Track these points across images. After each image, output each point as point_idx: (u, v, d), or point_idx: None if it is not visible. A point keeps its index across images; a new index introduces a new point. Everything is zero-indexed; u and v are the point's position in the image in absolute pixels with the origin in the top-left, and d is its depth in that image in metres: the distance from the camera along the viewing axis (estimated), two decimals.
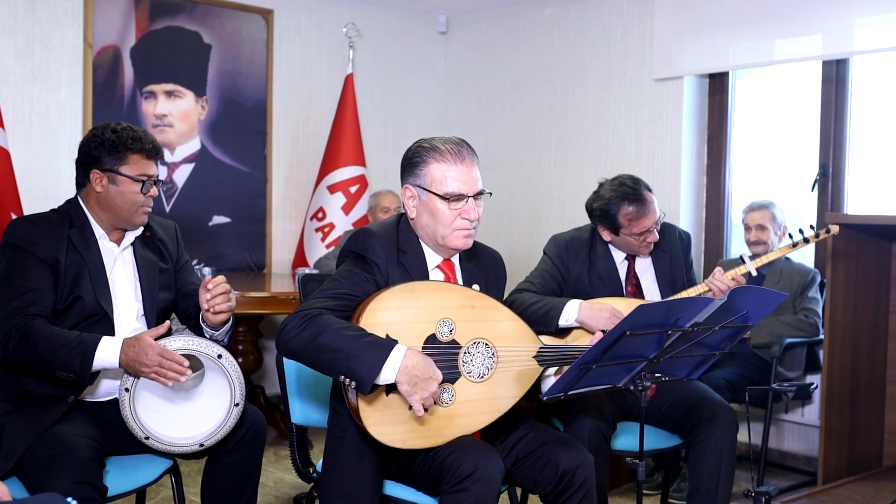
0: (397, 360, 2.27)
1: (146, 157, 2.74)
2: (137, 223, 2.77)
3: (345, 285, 2.43)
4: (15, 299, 2.56)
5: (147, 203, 2.76)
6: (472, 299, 2.48)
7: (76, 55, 5.16)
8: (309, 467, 2.83)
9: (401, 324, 2.37)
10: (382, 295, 2.39)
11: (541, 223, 5.87)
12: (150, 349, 2.49)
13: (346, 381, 2.27)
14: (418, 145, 2.55)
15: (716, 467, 3.10)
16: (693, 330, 2.35)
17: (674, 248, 3.49)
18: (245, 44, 5.80)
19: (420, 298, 2.41)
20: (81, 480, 2.35)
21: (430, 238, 2.55)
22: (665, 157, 5.30)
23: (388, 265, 2.48)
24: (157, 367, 2.49)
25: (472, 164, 2.52)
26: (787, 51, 4.79)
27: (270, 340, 5.67)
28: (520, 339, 2.53)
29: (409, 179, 2.55)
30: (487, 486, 2.31)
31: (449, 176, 2.48)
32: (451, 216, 2.49)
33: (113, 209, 2.73)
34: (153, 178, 2.76)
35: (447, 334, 2.42)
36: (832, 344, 3.77)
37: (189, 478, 4.01)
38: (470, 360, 2.45)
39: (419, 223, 2.55)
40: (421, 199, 2.52)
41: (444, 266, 2.61)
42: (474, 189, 2.51)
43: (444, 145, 2.51)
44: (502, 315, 2.52)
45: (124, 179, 2.71)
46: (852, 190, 4.79)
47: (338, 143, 5.79)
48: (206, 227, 5.71)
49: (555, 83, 5.91)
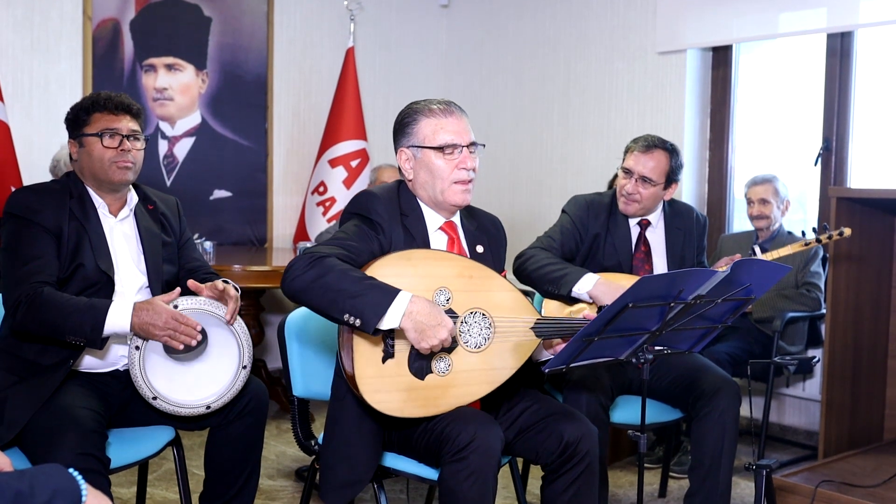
0: (402, 305, 2.26)
1: (108, 112, 2.74)
2: (115, 180, 2.73)
3: (353, 239, 2.44)
4: (21, 268, 2.56)
5: (120, 158, 2.72)
6: (470, 269, 2.47)
7: (75, 28, 5.12)
8: (311, 440, 2.83)
9: None
10: (379, 262, 2.38)
11: (543, 197, 5.85)
12: (164, 312, 2.51)
13: (351, 318, 2.25)
14: (406, 107, 2.60)
15: (718, 441, 3.11)
16: (696, 302, 2.35)
17: (689, 227, 3.51)
18: (245, 16, 5.76)
19: (417, 266, 2.41)
20: (84, 452, 2.35)
21: (430, 198, 2.56)
22: (668, 131, 5.26)
23: (391, 225, 2.49)
24: (170, 330, 2.50)
25: (462, 117, 2.56)
26: (791, 24, 4.75)
27: (272, 314, 5.68)
28: (517, 310, 2.52)
29: (402, 142, 2.58)
30: (486, 455, 2.31)
31: (440, 128, 2.51)
32: (449, 168, 2.51)
33: (90, 172, 2.73)
34: (120, 132, 2.72)
35: (444, 303, 2.42)
36: (834, 318, 3.77)
37: (191, 451, 4.02)
38: (467, 329, 2.45)
39: (418, 183, 2.56)
40: (416, 158, 2.54)
41: (447, 227, 2.61)
42: (467, 139, 2.53)
43: (432, 103, 2.56)
44: (500, 286, 2.51)
45: (88, 139, 2.72)
46: (855, 164, 4.77)
47: (339, 116, 5.76)
48: (207, 201, 5.70)
49: (557, 56, 5.87)
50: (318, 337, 2.88)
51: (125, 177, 2.75)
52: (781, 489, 3.31)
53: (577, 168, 5.70)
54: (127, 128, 2.75)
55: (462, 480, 2.29)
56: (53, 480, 1.62)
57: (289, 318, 2.85)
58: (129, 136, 2.75)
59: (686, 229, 3.50)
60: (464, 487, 2.29)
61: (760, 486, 2.73)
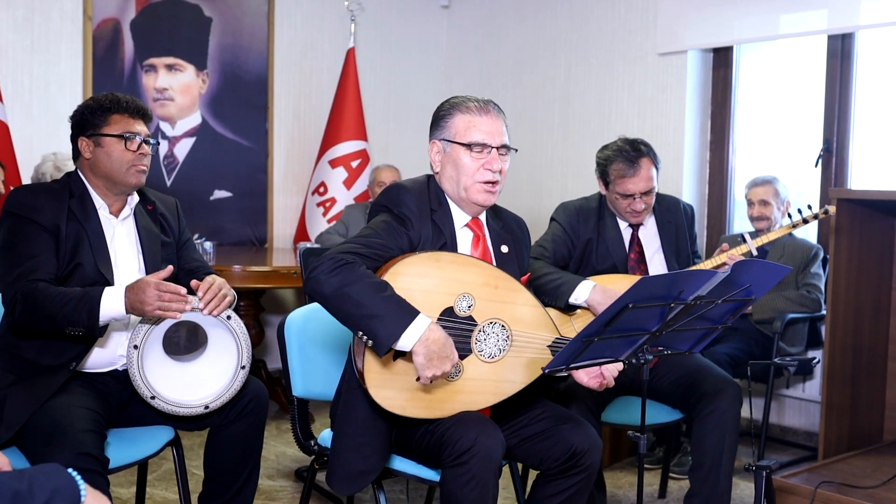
0: (419, 331, 2.25)
1: (128, 115, 2.74)
2: (132, 183, 2.75)
3: (380, 236, 2.43)
4: (18, 266, 2.56)
5: (138, 161, 2.73)
6: (497, 279, 2.46)
7: (76, 28, 5.13)
8: (310, 440, 2.83)
9: (420, 292, 2.35)
10: (407, 260, 2.38)
11: (543, 198, 5.84)
12: (147, 286, 2.49)
13: (364, 337, 2.26)
14: (445, 101, 2.60)
15: (719, 442, 3.11)
16: (696, 303, 2.34)
17: (679, 220, 3.53)
18: (246, 17, 5.76)
19: (444, 269, 2.39)
20: (82, 452, 2.34)
21: (455, 193, 2.55)
22: (668, 133, 5.27)
23: (420, 221, 2.49)
24: (157, 301, 2.49)
25: (498, 118, 2.55)
26: (792, 25, 4.75)
27: (272, 315, 5.68)
28: (538, 326, 2.51)
29: (435, 135, 2.58)
30: (487, 460, 2.31)
31: (473, 126, 2.51)
32: (475, 166, 2.50)
33: (104, 173, 2.73)
34: (140, 135, 2.74)
35: (465, 309, 2.41)
36: (834, 319, 3.76)
37: (191, 451, 4.02)
38: (483, 338, 2.44)
39: (444, 176, 2.57)
40: (446, 152, 2.54)
41: (473, 224, 2.61)
42: (498, 141, 2.52)
43: (471, 100, 2.56)
44: (524, 300, 2.50)
45: (107, 140, 2.71)
46: (856, 165, 4.77)
47: (339, 117, 5.76)
48: (208, 201, 5.70)
49: (558, 58, 5.87)
50: (318, 337, 2.88)
51: (140, 180, 2.77)
52: (781, 490, 3.31)
53: (577, 170, 5.69)
54: (144, 132, 2.77)
55: (463, 485, 2.29)
56: (52, 480, 1.62)
57: (289, 319, 2.85)
58: (146, 140, 2.76)
59: (677, 222, 3.52)
60: (464, 492, 2.29)
61: (760, 487, 2.73)
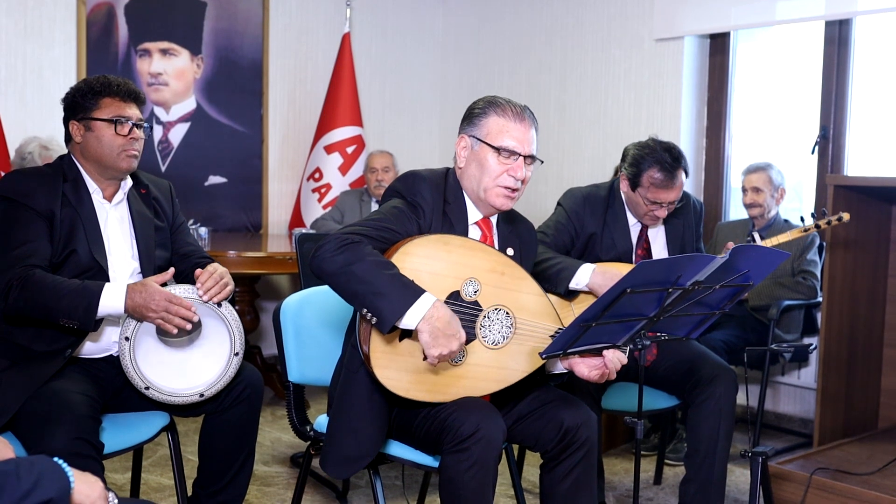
0: (423, 308, 2.24)
1: (119, 99, 2.71)
2: (123, 168, 2.72)
3: (390, 220, 2.42)
4: (13, 251, 2.54)
5: (129, 146, 2.71)
6: (504, 266, 2.45)
7: (69, 12, 5.09)
8: (306, 426, 2.82)
9: (427, 273, 2.34)
10: (416, 241, 2.37)
11: (538, 185, 5.83)
12: (158, 294, 2.49)
13: (369, 314, 2.25)
14: (483, 99, 2.60)
15: (715, 428, 3.11)
16: (694, 288, 2.34)
17: (688, 217, 3.48)
18: (241, 2, 5.73)
19: (452, 253, 2.39)
20: (78, 437, 2.33)
21: (474, 191, 2.55)
22: (665, 119, 5.25)
23: (433, 211, 2.49)
24: (164, 312, 2.48)
25: (531, 126, 2.57)
26: (789, 11, 4.74)
27: (267, 301, 5.67)
28: (542, 315, 2.50)
29: (466, 129, 2.57)
30: (488, 447, 2.31)
31: (506, 131, 2.51)
32: (499, 170, 2.50)
33: (95, 157, 2.71)
34: (132, 119, 2.71)
35: (471, 294, 2.40)
36: (830, 306, 3.76)
37: (186, 437, 4.02)
38: (488, 324, 2.43)
39: (466, 173, 2.56)
40: (473, 150, 2.54)
41: (482, 223, 2.60)
42: (528, 150, 2.53)
43: (508, 104, 2.56)
44: (529, 288, 2.50)
45: (98, 124, 2.69)
46: (853, 152, 4.77)
47: (335, 103, 5.74)
48: (203, 187, 5.68)
49: (554, 44, 5.85)
50: (314, 323, 2.87)
51: (132, 165, 2.75)
52: (777, 476, 3.32)
53: (574, 157, 5.68)
54: (136, 116, 2.74)
55: (464, 471, 2.29)
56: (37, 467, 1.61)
57: (284, 304, 2.84)
58: (137, 124, 2.74)
59: (685, 219, 3.47)
60: (465, 478, 2.29)
61: (756, 474, 2.73)
